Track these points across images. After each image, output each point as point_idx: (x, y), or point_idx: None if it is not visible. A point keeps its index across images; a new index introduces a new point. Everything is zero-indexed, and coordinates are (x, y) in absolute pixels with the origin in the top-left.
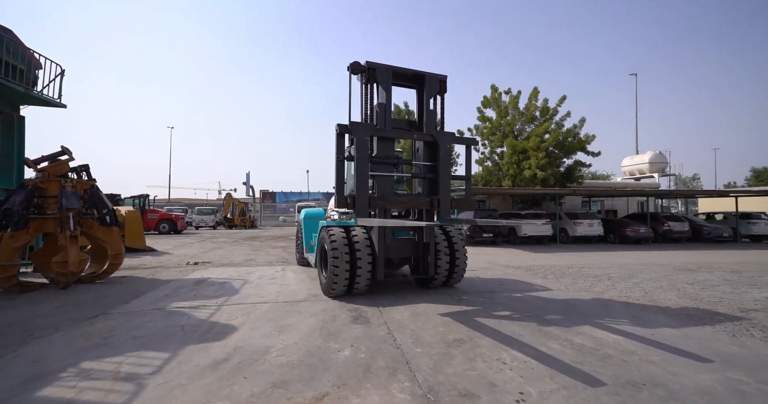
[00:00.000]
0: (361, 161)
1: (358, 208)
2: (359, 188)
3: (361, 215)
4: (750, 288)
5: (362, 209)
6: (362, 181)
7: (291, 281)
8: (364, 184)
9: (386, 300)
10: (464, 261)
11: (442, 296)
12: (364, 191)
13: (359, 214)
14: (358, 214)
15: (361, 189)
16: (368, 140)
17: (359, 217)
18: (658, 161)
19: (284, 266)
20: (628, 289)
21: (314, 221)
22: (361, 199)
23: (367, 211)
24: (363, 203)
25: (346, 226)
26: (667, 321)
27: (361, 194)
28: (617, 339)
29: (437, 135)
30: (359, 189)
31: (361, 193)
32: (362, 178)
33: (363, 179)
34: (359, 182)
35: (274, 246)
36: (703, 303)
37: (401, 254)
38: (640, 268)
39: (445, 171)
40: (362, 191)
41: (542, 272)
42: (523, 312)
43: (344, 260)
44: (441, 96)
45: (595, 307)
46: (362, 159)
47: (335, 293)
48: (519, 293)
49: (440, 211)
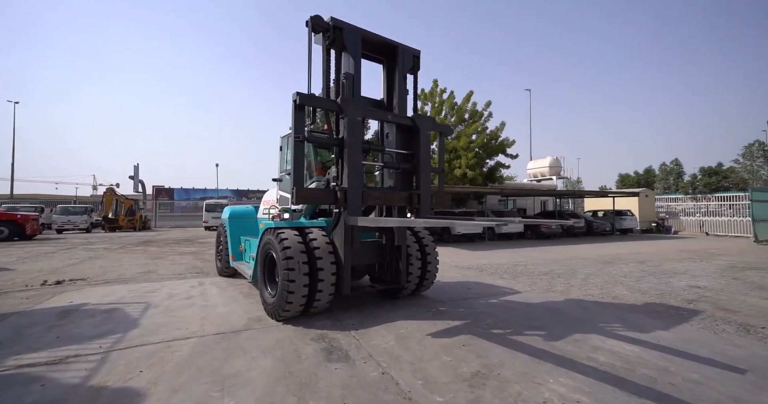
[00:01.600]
0: (355, 147)
1: (351, 205)
2: (352, 180)
3: (353, 214)
4: (667, 278)
5: (355, 207)
6: (356, 171)
7: (216, 299)
8: (358, 175)
9: (353, 319)
10: (436, 266)
11: (416, 309)
12: (358, 184)
13: (352, 212)
14: (351, 212)
15: (354, 181)
16: (361, 121)
17: (352, 216)
18: (556, 165)
19: (201, 278)
20: (584, 286)
21: (244, 222)
22: (355, 194)
23: (360, 208)
24: (357, 198)
25: (300, 227)
26: (651, 322)
27: (355, 188)
28: (634, 350)
29: (418, 119)
30: (352, 181)
31: (355, 186)
32: (356, 167)
33: (357, 168)
34: (352, 173)
35: (181, 252)
36: (653, 297)
37: (366, 261)
38: (571, 263)
39: (426, 162)
40: (356, 184)
41: (495, 272)
42: (515, 324)
43: (302, 271)
44: (414, 74)
45: (576, 310)
46: (356, 144)
47: (288, 315)
48: (494, 299)
49: (420, 208)
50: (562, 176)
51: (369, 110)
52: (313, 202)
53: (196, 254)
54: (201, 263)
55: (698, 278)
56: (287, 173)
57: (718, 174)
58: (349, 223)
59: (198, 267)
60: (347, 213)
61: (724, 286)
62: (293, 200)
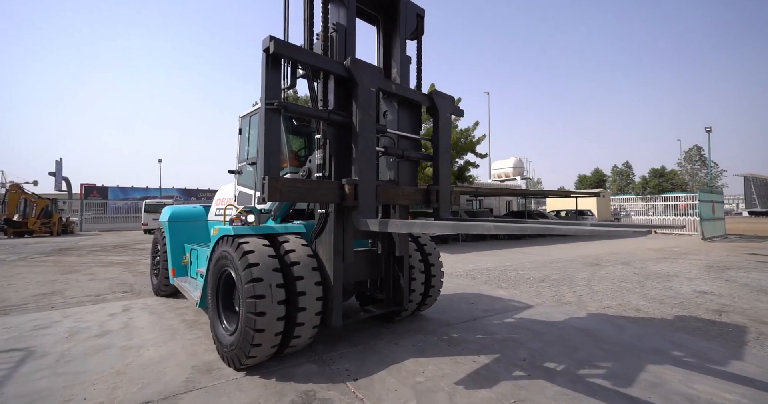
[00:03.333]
0: (369, 127)
1: (364, 203)
2: (365, 171)
3: (367, 215)
4: (666, 282)
5: (369, 206)
6: (369, 159)
7: (146, 335)
8: (371, 164)
9: (347, 360)
10: (441, 280)
11: (423, 337)
12: (371, 176)
13: (365, 213)
14: (363, 213)
15: (367, 173)
16: (375, 93)
17: (365, 218)
18: (519, 166)
19: (129, 300)
20: (593, 296)
21: (190, 227)
22: (368, 188)
23: (375, 208)
24: (370, 195)
25: (271, 235)
26: (710, 347)
27: (368, 181)
28: (739, 399)
29: (437, 98)
30: (365, 172)
31: (368, 179)
32: (369, 154)
33: (370, 155)
34: (364, 161)
35: (107, 263)
36: (674, 307)
37: (357, 277)
38: (559, 266)
39: (446, 150)
40: (369, 176)
41: (489, 280)
42: (557, 358)
43: (275, 298)
44: (418, 39)
45: (611, 330)
46: (369, 123)
47: (254, 362)
48: (509, 318)
49: (439, 207)
50: (525, 177)
51: (384, 80)
52: (298, 199)
53: (127, 265)
54: (133, 278)
55: (694, 281)
56: (250, 162)
57: (663, 176)
58: (362, 228)
59: (127, 284)
60: (357, 214)
61: (728, 291)
62: (264, 196)
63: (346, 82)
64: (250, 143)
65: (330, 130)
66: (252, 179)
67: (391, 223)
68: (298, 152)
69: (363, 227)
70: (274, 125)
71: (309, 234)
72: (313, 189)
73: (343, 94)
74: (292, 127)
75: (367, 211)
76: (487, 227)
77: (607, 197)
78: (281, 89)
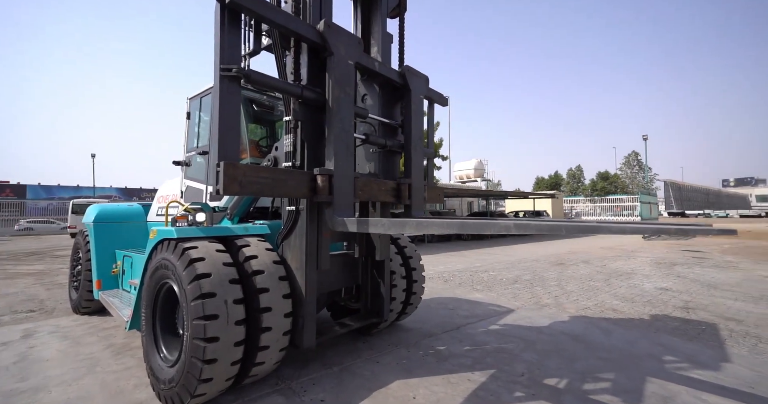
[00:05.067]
0: (346, 107)
1: (340, 199)
2: (342, 160)
3: (344, 213)
4: (628, 280)
5: (346, 202)
6: (346, 146)
7: (52, 369)
8: (349, 152)
9: (321, 388)
10: (422, 286)
11: (407, 352)
12: (348, 167)
13: (342, 210)
14: (339, 210)
15: (344, 162)
16: (354, 67)
17: (340, 216)
18: (480, 168)
19: (35, 321)
20: (568, 297)
21: (123, 229)
22: (345, 181)
23: (353, 205)
24: (348, 188)
25: (227, 237)
26: (697, 349)
27: (345, 172)
28: None
29: (410, 75)
30: (342, 162)
31: (345, 169)
32: (346, 140)
33: (347, 141)
34: (341, 148)
35: (14, 273)
36: (645, 305)
37: (333, 286)
38: (528, 266)
39: (419, 137)
40: (346, 166)
41: (463, 283)
42: (557, 372)
43: (232, 317)
44: (400, 16)
45: (599, 335)
46: (347, 102)
47: (205, 399)
48: (494, 325)
49: (412, 204)
50: (485, 179)
51: (364, 55)
52: (260, 193)
53: (40, 276)
54: (45, 292)
55: (652, 278)
56: (200, 152)
57: (608, 179)
58: (337, 228)
59: (36, 300)
60: (333, 212)
61: (684, 287)
62: (218, 187)
63: (321, 51)
64: (201, 129)
65: (303, 110)
66: (203, 171)
67: (375, 222)
68: (259, 142)
69: (339, 228)
70: (231, 97)
71: (274, 236)
72: (282, 180)
73: (317, 67)
74: (253, 113)
75: (344, 208)
76: (505, 226)
77: (560, 199)
78: (242, 55)
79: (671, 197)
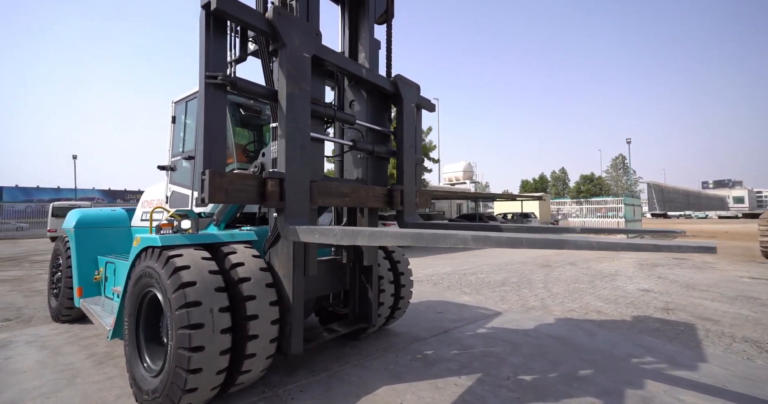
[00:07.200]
0: (300, 103)
1: (292, 205)
2: (293, 161)
3: (296, 221)
4: (612, 281)
5: (299, 208)
6: (298, 145)
7: (28, 381)
8: (302, 152)
9: (308, 394)
10: (410, 290)
11: (395, 357)
12: (302, 168)
13: (293, 217)
14: (290, 218)
15: (296, 163)
16: (309, 60)
17: (292, 224)
18: (469, 170)
19: (10, 331)
20: (554, 299)
21: (107, 234)
22: (298, 184)
23: (307, 211)
24: (301, 193)
25: (213, 244)
26: (675, 350)
27: (297, 174)
28: None
29: (402, 83)
30: (293, 163)
31: (297, 171)
32: (298, 139)
33: (300, 140)
34: (293, 148)
35: None
36: (627, 307)
37: (320, 291)
38: (515, 268)
39: (411, 144)
40: (298, 168)
41: (452, 286)
42: (544, 375)
43: (218, 325)
44: (388, 22)
45: (583, 337)
46: (300, 98)
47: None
48: (481, 328)
49: (404, 210)
50: (474, 181)
51: (325, 48)
52: (235, 199)
53: (18, 283)
54: (23, 300)
55: (634, 280)
56: (186, 157)
57: (592, 181)
58: (288, 237)
59: (13, 308)
60: (284, 219)
61: (664, 288)
62: (203, 195)
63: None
64: (187, 134)
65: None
66: (188, 176)
67: (326, 232)
68: (247, 147)
69: (290, 237)
70: (217, 105)
71: (261, 243)
72: (240, 188)
73: None
74: (240, 118)
75: (297, 215)
76: (462, 238)
77: (547, 201)
78: (227, 62)
79: (654, 199)
